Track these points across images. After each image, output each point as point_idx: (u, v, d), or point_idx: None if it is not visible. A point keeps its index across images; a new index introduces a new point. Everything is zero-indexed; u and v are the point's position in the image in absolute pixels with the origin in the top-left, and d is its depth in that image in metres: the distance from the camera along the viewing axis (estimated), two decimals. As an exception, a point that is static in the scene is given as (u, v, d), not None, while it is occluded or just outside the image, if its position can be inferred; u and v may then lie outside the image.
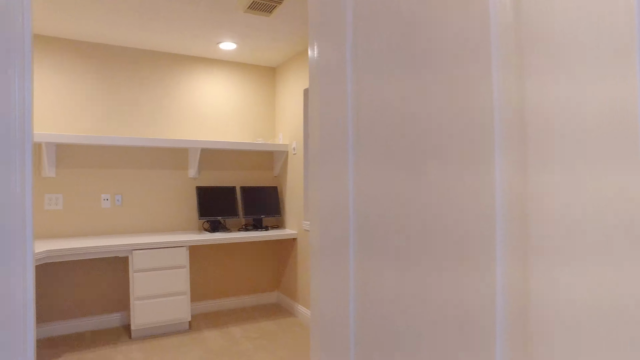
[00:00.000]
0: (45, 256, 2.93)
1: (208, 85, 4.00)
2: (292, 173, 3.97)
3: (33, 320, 1.06)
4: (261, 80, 4.25)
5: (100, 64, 3.59)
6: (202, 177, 3.96)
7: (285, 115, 4.09)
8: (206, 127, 3.99)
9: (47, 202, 3.38)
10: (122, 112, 3.66)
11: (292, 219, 3.96)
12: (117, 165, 3.62)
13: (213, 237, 3.53)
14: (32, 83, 0.83)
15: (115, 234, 3.62)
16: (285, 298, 4.07)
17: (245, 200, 3.96)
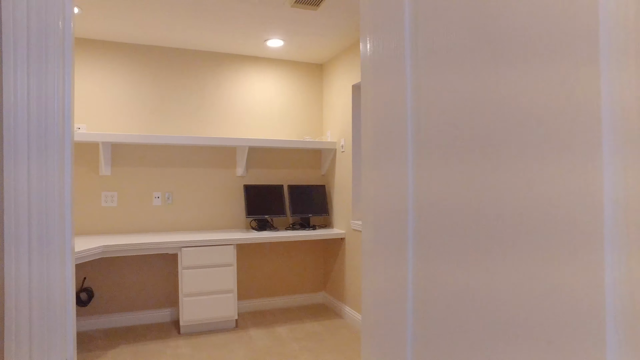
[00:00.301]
0: (101, 251, 3.03)
1: (256, 83, 4.00)
2: (340, 171, 3.88)
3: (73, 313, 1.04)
4: (308, 78, 4.20)
5: (151, 66, 3.68)
6: (249, 175, 3.97)
7: (333, 112, 4.01)
8: (254, 125, 4.00)
9: (103, 200, 3.51)
10: (172, 111, 3.73)
11: (340, 218, 3.88)
12: (168, 164, 3.70)
13: (260, 235, 3.52)
14: (72, 84, 0.81)
15: (165, 231, 3.70)
16: (332, 299, 3.99)
17: (293, 199, 3.92)
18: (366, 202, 0.64)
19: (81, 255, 2.86)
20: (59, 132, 0.81)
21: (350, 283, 3.66)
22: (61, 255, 0.84)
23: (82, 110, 3.48)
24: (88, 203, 3.48)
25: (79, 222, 3.45)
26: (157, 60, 3.69)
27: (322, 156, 4.23)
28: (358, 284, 3.54)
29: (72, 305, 1.02)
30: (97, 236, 3.38)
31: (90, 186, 3.49)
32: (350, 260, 3.69)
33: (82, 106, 3.48)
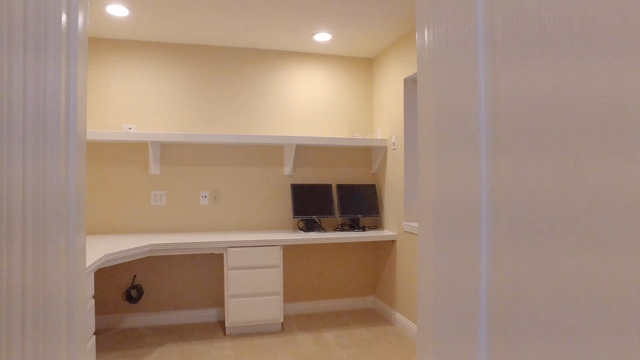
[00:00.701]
0: (149, 249, 3.04)
1: (303, 80, 3.88)
2: (391, 170, 3.68)
3: (82, 318, 0.96)
4: (357, 73, 4.02)
5: (198, 65, 3.66)
6: (297, 174, 3.86)
7: (384, 108, 3.81)
8: (301, 123, 3.88)
9: (152, 199, 3.54)
10: (219, 110, 3.70)
11: (391, 219, 3.67)
12: (215, 162, 3.67)
13: (308, 236, 3.40)
14: (81, 79, 0.74)
15: (212, 230, 3.67)
16: (382, 304, 3.79)
17: (342, 198, 3.76)
18: (424, 199, 0.62)
19: (129, 253, 2.87)
20: (59, 126, 0.73)
21: (401, 288, 3.45)
22: (63, 255, 0.74)
23: (133, 111, 3.52)
24: (138, 202, 3.52)
25: (129, 221, 3.50)
26: (204, 59, 3.67)
27: (372, 154, 4.04)
28: (409, 290, 3.32)
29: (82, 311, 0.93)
30: (146, 235, 3.41)
31: (140, 185, 3.52)
32: (401, 264, 3.47)
33: (133, 107, 3.52)
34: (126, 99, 3.52)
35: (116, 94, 3.50)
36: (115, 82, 3.50)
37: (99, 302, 3.46)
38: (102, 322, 3.44)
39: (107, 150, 3.47)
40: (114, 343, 3.15)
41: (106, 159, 3.47)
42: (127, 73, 3.52)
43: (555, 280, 0.43)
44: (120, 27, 3.25)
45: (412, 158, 3.43)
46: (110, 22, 3.16)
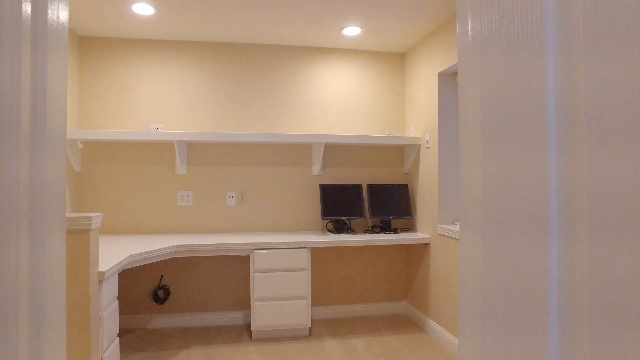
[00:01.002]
0: (174, 250, 2.98)
1: (331, 76, 3.74)
2: (424, 169, 3.48)
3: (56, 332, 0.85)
4: (388, 68, 3.84)
5: (224, 63, 3.58)
6: (326, 174, 3.72)
7: (417, 105, 3.61)
8: (330, 121, 3.74)
9: (179, 199, 3.49)
10: (246, 109, 3.61)
11: (425, 221, 3.48)
12: (242, 162, 3.59)
13: (337, 238, 3.25)
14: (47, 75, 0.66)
15: (239, 231, 3.59)
16: (415, 310, 3.60)
17: (372, 199, 3.60)
18: (470, 194, 0.59)
19: (153, 254, 2.81)
20: (20, 123, 0.64)
21: (436, 294, 3.25)
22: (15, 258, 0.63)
23: (160, 111, 3.48)
24: (165, 202, 3.48)
25: (156, 222, 3.46)
26: (231, 57, 3.59)
27: (404, 153, 3.85)
28: (444, 296, 3.12)
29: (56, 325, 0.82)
30: (172, 235, 3.36)
31: (167, 185, 3.48)
32: (435, 269, 3.27)
33: (160, 107, 3.48)
34: (153, 98, 3.48)
35: (144, 94, 3.47)
36: (143, 83, 3.47)
37: (127, 301, 3.44)
38: (130, 322, 3.42)
39: (135, 151, 3.45)
40: (140, 343, 3.12)
41: (134, 159, 3.44)
42: (154, 73, 3.48)
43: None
44: (146, 26, 3.21)
45: (448, 157, 3.22)
46: (136, 22, 3.13)
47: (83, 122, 3.40)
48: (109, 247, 2.87)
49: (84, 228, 2.08)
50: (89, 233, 2.10)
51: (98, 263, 2.21)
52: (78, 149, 3.35)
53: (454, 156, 3.23)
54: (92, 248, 2.13)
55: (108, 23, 3.16)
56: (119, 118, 3.44)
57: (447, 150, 3.22)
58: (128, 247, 2.89)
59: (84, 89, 3.40)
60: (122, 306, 3.44)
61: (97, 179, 3.40)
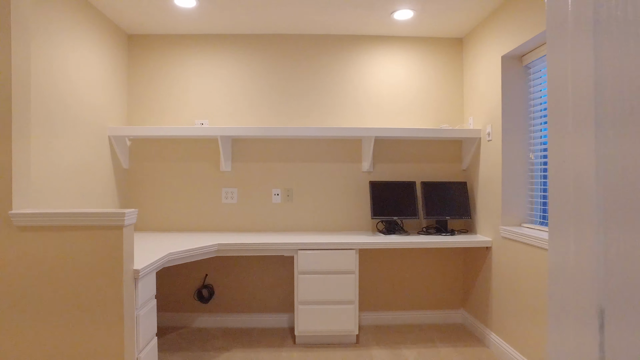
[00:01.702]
0: (216, 249, 2.85)
1: (382, 66, 3.46)
2: (485, 165, 3.11)
3: None
4: (444, 55, 3.49)
5: (269, 55, 3.42)
6: (376, 170, 3.45)
7: (477, 94, 3.25)
8: (381, 114, 3.46)
9: (224, 196, 3.37)
10: (291, 102, 3.42)
11: (485, 222, 3.11)
12: (288, 158, 3.40)
13: (387, 240, 2.98)
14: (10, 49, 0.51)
15: (284, 230, 3.41)
16: (473, 320, 3.24)
17: (427, 198, 3.28)
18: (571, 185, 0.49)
19: (194, 253, 2.69)
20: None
21: (498, 304, 2.88)
22: None
23: (205, 106, 3.39)
24: (209, 199, 3.37)
25: (200, 219, 3.36)
26: (274, 50, 3.42)
27: (462, 147, 3.49)
28: (509, 307, 2.75)
29: None
30: (216, 233, 3.24)
31: (211, 182, 3.37)
32: (498, 276, 2.90)
33: (205, 102, 3.38)
34: (198, 94, 3.39)
35: (190, 89, 3.39)
36: (188, 78, 3.39)
37: (171, 299, 3.37)
38: (174, 320, 3.35)
39: (181, 147, 3.37)
40: (182, 343, 3.02)
41: (180, 156, 3.37)
42: (199, 68, 3.39)
43: None
44: (189, 20, 3.11)
45: (513, 150, 2.84)
46: (179, 16, 3.03)
47: (131, 119, 3.38)
48: (151, 243, 2.79)
49: (117, 224, 1.98)
50: (122, 230, 1.99)
51: (133, 260, 2.10)
52: (126, 145, 3.32)
53: (520, 150, 2.84)
54: (126, 245, 2.03)
55: (153, 19, 3.10)
56: (165, 115, 3.38)
57: (512, 143, 2.84)
58: (170, 244, 2.80)
59: (133, 87, 3.37)
60: (166, 304, 3.38)
61: (144, 175, 3.36)
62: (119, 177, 3.22)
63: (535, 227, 2.70)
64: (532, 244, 2.48)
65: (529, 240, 2.50)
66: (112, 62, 3.15)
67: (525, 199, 2.85)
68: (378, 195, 3.27)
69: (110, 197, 3.10)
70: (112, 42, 3.13)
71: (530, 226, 2.75)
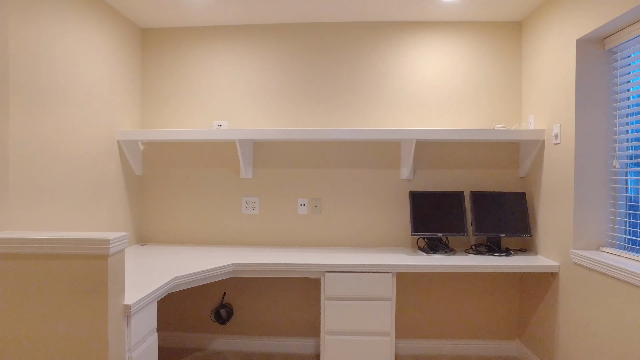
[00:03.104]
0: (232, 269, 2.42)
1: (424, 57, 2.91)
2: (551, 173, 2.52)
3: None
4: (498, 43, 2.90)
5: (294, 47, 2.94)
6: (417, 178, 2.92)
7: (540, 88, 2.65)
8: (422, 112, 2.92)
9: (244, 206, 2.94)
10: (319, 101, 2.94)
11: (550, 241, 2.52)
12: (316, 164, 2.93)
13: (431, 262, 2.46)
14: None
15: (311, 245, 2.94)
16: (531, 355, 2.65)
17: (477, 211, 2.72)
18: None
19: (205, 275, 2.27)
20: None
21: (566, 342, 2.30)
22: None
23: (224, 106, 2.96)
24: (228, 209, 2.95)
25: (218, 231, 2.95)
26: (300, 40, 2.94)
27: (520, 151, 2.90)
28: (580, 347, 2.16)
29: None
30: (236, 248, 2.82)
31: (231, 190, 2.95)
32: (566, 309, 2.31)
33: (223, 101, 2.96)
34: (217, 93, 2.97)
35: (207, 87, 2.97)
36: (205, 75, 2.97)
37: (187, 318, 2.98)
38: (189, 341, 2.96)
39: (197, 152, 2.97)
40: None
41: (196, 161, 2.97)
42: (217, 63, 2.97)
43: None
44: (205, 10, 2.68)
45: (591, 156, 2.24)
46: (194, 6, 2.61)
47: (145, 121, 3.01)
48: (160, 261, 2.39)
49: (100, 253, 1.57)
50: (107, 260, 1.58)
51: (123, 293, 1.70)
52: (139, 150, 2.96)
53: (600, 155, 2.23)
54: (113, 276, 1.62)
55: (166, 10, 2.70)
56: (181, 116, 2.98)
57: (588, 147, 2.24)
58: (181, 262, 2.40)
59: (147, 87, 2.99)
60: (180, 323, 2.99)
61: (159, 183, 2.98)
62: (130, 184, 2.85)
63: (618, 252, 2.10)
64: (616, 276, 1.89)
65: (612, 271, 1.91)
66: (124, 58, 2.77)
67: (605, 216, 2.24)
68: (419, 208, 2.74)
69: (122, 207, 2.74)
70: (123, 37, 2.76)
71: (612, 251, 2.15)
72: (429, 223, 2.70)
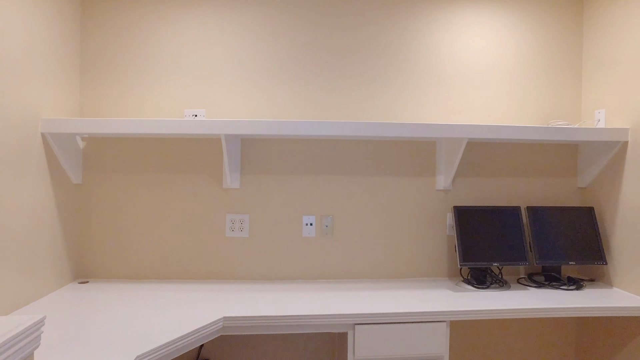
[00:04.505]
0: (221, 327, 1.60)
1: (458, 34, 2.23)
2: (633, 183, 1.93)
3: None
4: (555, 19, 2.28)
5: (292, 15, 2.16)
6: (457, 188, 2.23)
7: (611, 75, 2.06)
8: (458, 103, 2.24)
9: (229, 226, 2.11)
10: (326, 87, 2.17)
11: (632, 271, 1.93)
12: (324, 169, 2.16)
13: (493, 305, 1.79)
14: None
15: (321, 278, 2.16)
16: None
17: (537, 232, 2.08)
18: None
19: (184, 343, 1.44)
20: None
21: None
22: None
23: (200, 90, 2.11)
24: (206, 231, 2.10)
25: (193, 261, 2.10)
26: (301, 7, 2.16)
27: (579, 156, 2.30)
28: None
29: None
30: (220, 285, 1.98)
31: (210, 205, 2.10)
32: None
33: (200, 83, 2.11)
34: (189, 71, 2.11)
35: (175, 63, 2.11)
36: (171, 45, 2.10)
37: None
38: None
39: (162, 151, 2.10)
40: None
41: (160, 165, 2.09)
42: (189, 29, 2.11)
43: None
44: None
45: None
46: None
47: (86, 108, 2.09)
48: (108, 314, 1.51)
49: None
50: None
51: None
52: (78, 148, 2.04)
53: None
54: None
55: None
56: (139, 101, 2.10)
57: None
58: (139, 316, 1.54)
59: (89, 58, 2.08)
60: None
61: (107, 194, 2.08)
62: (63, 198, 1.93)
63: None
64: None
65: None
66: (52, 15, 1.85)
67: None
68: (467, 228, 2.05)
69: (49, 231, 1.81)
70: (49, -18, 1.83)
71: None
72: (479, 249, 2.02)
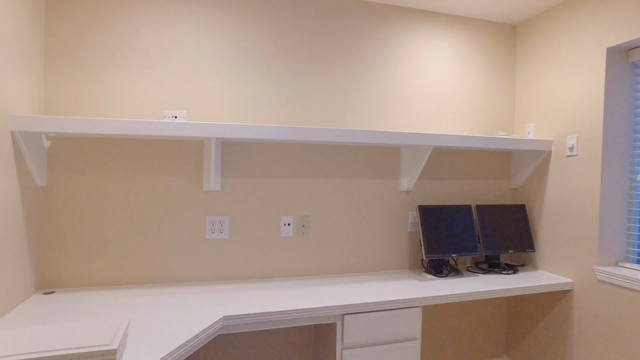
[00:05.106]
0: (221, 326, 1.63)
1: (422, 51, 2.49)
2: (561, 185, 2.34)
3: None
4: (494, 46, 2.64)
5: (275, 23, 2.23)
6: (419, 190, 2.48)
7: (544, 96, 2.47)
8: (418, 115, 2.49)
9: (209, 228, 2.11)
10: (306, 95, 2.28)
11: (558, 257, 2.35)
12: (302, 173, 2.26)
13: (452, 288, 2.07)
14: None
15: (298, 275, 2.26)
16: (533, 376, 2.47)
17: (484, 227, 2.42)
18: None
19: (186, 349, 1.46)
20: None
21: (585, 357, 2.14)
22: None
23: (180, 91, 2.07)
24: (186, 234, 2.08)
25: (171, 264, 2.06)
26: (287, 14, 2.24)
27: (512, 161, 2.69)
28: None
29: None
30: (203, 287, 1.98)
31: (189, 208, 2.08)
32: (585, 325, 2.16)
33: (180, 84, 2.07)
34: (169, 66, 2.06)
35: (154, 60, 2.04)
36: (148, 38, 2.04)
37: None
38: None
39: (138, 153, 2.02)
40: None
41: (136, 167, 2.02)
42: (166, 19, 2.07)
43: None
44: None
45: (613, 170, 2.10)
46: None
47: (51, 105, 1.93)
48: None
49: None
50: None
51: None
52: (43, 148, 1.88)
53: (620, 169, 2.11)
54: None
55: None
56: (111, 98, 1.99)
57: (613, 161, 2.09)
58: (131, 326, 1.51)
59: (54, 50, 1.92)
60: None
61: (74, 198, 1.94)
62: (30, 201, 1.77)
63: (637, 267, 2.02)
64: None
65: None
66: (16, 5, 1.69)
67: (623, 232, 2.13)
68: (430, 225, 2.30)
69: (12, 238, 1.66)
70: (18, -33, 1.67)
71: (630, 266, 2.06)
72: (440, 242, 2.29)
